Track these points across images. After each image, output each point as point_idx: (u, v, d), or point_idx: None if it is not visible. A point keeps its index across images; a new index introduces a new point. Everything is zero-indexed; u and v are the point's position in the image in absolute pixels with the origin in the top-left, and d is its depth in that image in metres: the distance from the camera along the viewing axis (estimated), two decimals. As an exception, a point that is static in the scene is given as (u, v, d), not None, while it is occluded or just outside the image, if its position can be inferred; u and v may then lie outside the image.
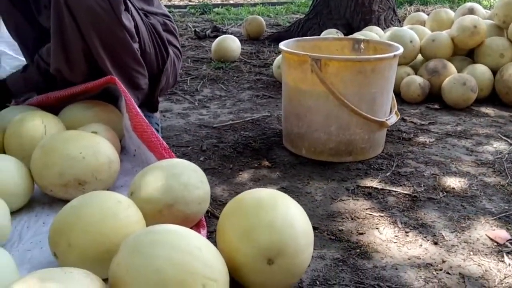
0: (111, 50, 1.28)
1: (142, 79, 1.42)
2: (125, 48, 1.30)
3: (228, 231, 0.76)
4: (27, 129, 1.14)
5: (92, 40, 1.23)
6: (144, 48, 1.41)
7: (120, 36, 1.27)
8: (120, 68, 1.32)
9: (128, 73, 1.35)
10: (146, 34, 1.43)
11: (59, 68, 1.28)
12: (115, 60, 1.30)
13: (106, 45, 1.26)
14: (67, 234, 0.76)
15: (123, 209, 0.81)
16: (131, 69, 1.36)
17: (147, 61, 1.43)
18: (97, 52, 1.25)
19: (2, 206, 0.88)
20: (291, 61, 1.32)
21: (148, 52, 1.43)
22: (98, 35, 1.23)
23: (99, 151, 1.05)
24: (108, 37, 1.25)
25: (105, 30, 1.23)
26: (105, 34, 1.24)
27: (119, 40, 1.28)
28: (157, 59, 1.49)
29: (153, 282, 0.62)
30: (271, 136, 1.54)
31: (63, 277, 0.59)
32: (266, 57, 2.70)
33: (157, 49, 1.48)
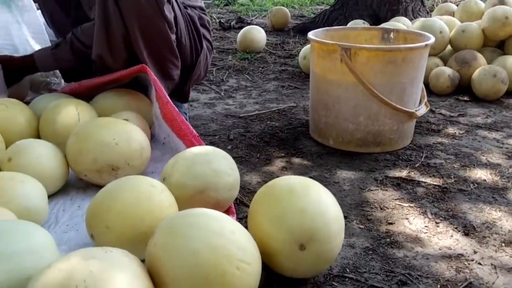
0: (149, 40, 1.30)
1: (174, 70, 1.44)
2: (163, 38, 1.32)
3: (260, 217, 0.77)
4: (61, 116, 1.17)
5: (133, 29, 1.25)
6: (180, 39, 1.42)
7: (160, 26, 1.29)
8: (156, 58, 1.34)
9: (162, 63, 1.37)
10: (184, 26, 1.44)
11: (101, 54, 1.31)
12: (152, 49, 1.32)
13: (145, 34, 1.28)
14: (104, 216, 0.78)
15: (157, 193, 0.82)
16: (166, 60, 1.38)
17: (181, 53, 1.44)
18: (136, 41, 1.28)
19: (40, 188, 0.91)
20: (320, 51, 1.32)
21: (183, 44, 1.44)
22: (139, 24, 1.25)
23: (132, 138, 1.07)
24: (149, 27, 1.27)
25: (146, 20, 1.25)
26: (145, 24, 1.26)
27: (158, 31, 1.30)
28: (191, 51, 1.51)
29: (189, 263, 0.64)
30: (297, 126, 1.54)
31: (104, 256, 0.61)
32: (291, 48, 2.69)
33: (192, 42, 1.50)
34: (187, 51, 1.48)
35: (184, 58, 1.47)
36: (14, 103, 1.19)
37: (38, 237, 0.68)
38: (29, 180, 0.90)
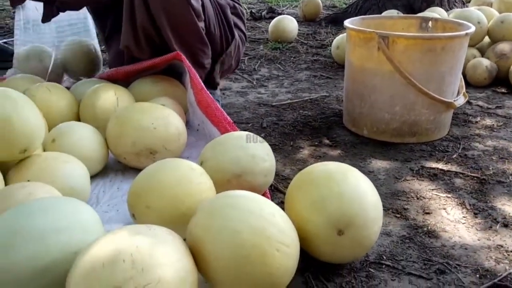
0: (177, 29, 1.31)
1: (205, 58, 1.45)
2: (191, 27, 1.33)
3: (298, 202, 0.78)
4: (101, 100, 1.20)
5: (161, 19, 1.27)
6: (209, 28, 1.43)
7: (187, 15, 1.30)
8: (185, 46, 1.36)
9: (192, 51, 1.38)
10: (213, 14, 1.45)
11: (128, 45, 1.34)
12: (181, 38, 1.34)
13: (173, 23, 1.29)
14: (145, 197, 0.80)
15: (196, 176, 0.84)
16: (196, 48, 1.39)
17: (211, 41, 1.45)
18: (164, 30, 1.29)
19: (83, 169, 0.94)
20: (357, 39, 1.30)
21: (213, 33, 1.45)
22: (165, 13, 1.26)
23: (170, 122, 1.09)
24: (176, 16, 1.28)
25: (173, 9, 1.26)
26: (172, 13, 1.27)
27: (186, 20, 1.31)
28: (221, 40, 1.52)
29: (230, 243, 0.65)
30: (330, 116, 1.54)
31: (149, 233, 0.63)
32: (323, 38, 2.67)
33: (222, 31, 1.50)
34: (216, 39, 1.48)
35: (214, 46, 1.47)
36: (57, 87, 1.23)
37: (85, 213, 0.70)
38: (73, 160, 0.93)
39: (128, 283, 0.57)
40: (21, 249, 0.62)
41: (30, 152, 0.88)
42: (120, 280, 0.57)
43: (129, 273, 0.57)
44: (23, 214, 0.66)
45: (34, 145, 0.88)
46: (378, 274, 0.79)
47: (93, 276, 0.58)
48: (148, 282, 0.58)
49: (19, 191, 0.77)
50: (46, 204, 0.68)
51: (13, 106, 0.84)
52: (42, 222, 0.65)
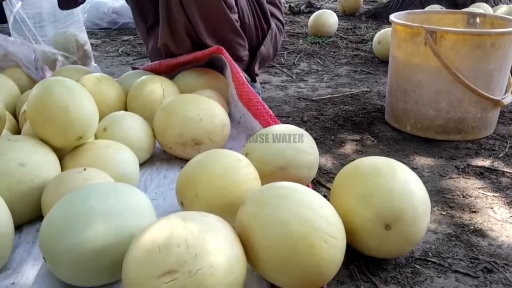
0: (210, 23, 1.32)
1: (242, 50, 1.46)
2: (224, 20, 1.34)
3: (345, 195, 0.78)
4: (148, 91, 1.24)
5: (193, 13, 1.29)
6: (243, 19, 1.44)
7: (219, 7, 1.31)
8: (220, 40, 1.37)
9: (228, 44, 1.39)
10: (246, 5, 1.45)
11: (166, 43, 1.37)
12: (214, 31, 1.35)
13: (205, 16, 1.31)
14: (194, 185, 0.82)
15: (243, 166, 0.85)
16: (231, 40, 1.40)
17: (246, 32, 1.46)
18: (197, 24, 1.31)
19: (133, 157, 0.97)
20: (403, 34, 1.29)
21: (247, 23, 1.45)
22: (198, 7, 1.28)
23: (214, 114, 1.11)
24: (207, 9, 1.30)
25: (204, 3, 1.28)
26: (204, 8, 1.29)
27: (218, 13, 1.32)
28: (256, 31, 1.52)
29: (278, 232, 0.66)
30: (372, 111, 1.52)
31: (201, 219, 0.65)
32: (363, 33, 2.64)
33: (257, 21, 1.51)
34: (251, 30, 1.48)
35: (250, 38, 1.48)
36: (106, 78, 1.27)
37: (138, 198, 0.73)
38: (124, 148, 0.96)
39: (182, 267, 0.59)
40: (80, 230, 0.66)
41: (85, 139, 0.92)
42: (175, 264, 0.59)
43: (183, 258, 0.60)
44: (82, 198, 0.69)
45: (89, 133, 0.92)
46: (423, 270, 0.79)
47: (149, 259, 0.60)
48: (201, 267, 0.60)
49: (76, 176, 0.81)
50: (103, 189, 0.71)
51: (71, 95, 0.88)
52: (100, 205, 0.68)
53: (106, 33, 2.71)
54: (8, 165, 0.80)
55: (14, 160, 0.81)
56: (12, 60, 1.40)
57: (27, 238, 0.82)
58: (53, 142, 0.90)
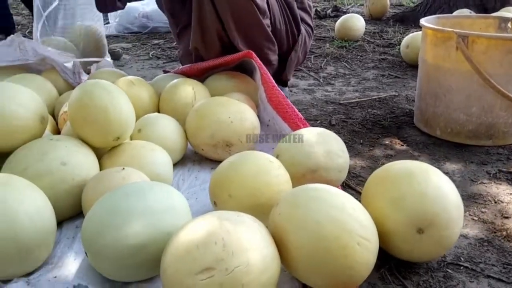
0: (243, 28, 1.35)
1: (272, 55, 1.48)
2: (257, 25, 1.37)
3: (377, 198, 0.79)
4: (180, 94, 1.27)
5: (227, 20, 1.31)
6: (275, 24, 1.46)
7: (252, 13, 1.33)
8: (251, 44, 1.39)
9: (258, 49, 1.41)
10: (278, 10, 1.48)
11: (196, 46, 1.40)
12: (246, 36, 1.37)
13: (238, 21, 1.33)
14: (228, 186, 0.84)
15: (275, 168, 0.87)
16: (262, 45, 1.43)
17: (277, 38, 1.48)
18: (229, 28, 1.34)
19: (167, 157, 1.00)
20: (433, 38, 1.28)
21: (278, 29, 1.48)
22: (231, 12, 1.31)
23: (245, 117, 1.13)
24: (241, 16, 1.32)
25: (239, 9, 1.30)
26: (238, 13, 1.31)
27: (251, 18, 1.34)
28: (287, 36, 1.54)
29: (312, 234, 0.67)
30: (400, 115, 1.52)
31: (237, 219, 0.67)
32: (390, 37, 2.63)
33: (288, 26, 1.53)
34: (283, 35, 1.50)
35: (280, 42, 1.50)
36: (139, 80, 1.31)
37: (175, 198, 0.76)
38: (158, 149, 0.99)
39: (219, 265, 0.61)
40: (121, 227, 0.68)
41: (122, 140, 0.96)
42: (212, 261, 0.61)
43: (220, 255, 0.62)
44: (122, 196, 0.72)
45: (126, 133, 0.95)
46: (456, 275, 0.79)
47: (187, 256, 0.62)
48: (237, 265, 0.62)
49: (115, 175, 0.84)
50: (143, 188, 0.74)
51: (110, 97, 0.91)
52: (139, 204, 0.71)
53: (136, 37, 2.77)
54: (51, 164, 0.84)
55: (57, 159, 0.85)
56: (49, 64, 1.45)
57: (68, 234, 0.86)
58: (92, 142, 0.93)
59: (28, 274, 0.74)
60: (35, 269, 0.75)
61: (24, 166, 0.82)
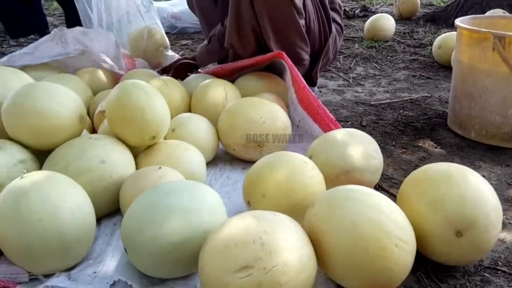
0: (278, 27, 1.35)
1: (304, 54, 1.48)
2: (292, 24, 1.37)
3: (414, 200, 0.78)
4: (211, 94, 1.28)
5: (263, 18, 1.32)
6: (309, 24, 1.46)
7: (288, 13, 1.33)
8: (284, 44, 1.40)
9: (291, 48, 1.41)
10: (313, 10, 1.48)
11: (232, 43, 1.41)
12: (280, 36, 1.38)
13: (274, 20, 1.34)
14: (262, 186, 0.85)
15: (309, 169, 0.87)
16: (295, 45, 1.43)
17: (310, 37, 1.48)
18: (264, 28, 1.34)
19: (201, 156, 1.01)
20: (469, 39, 1.26)
21: (312, 29, 1.47)
22: (268, 13, 1.31)
23: (277, 117, 1.14)
24: (277, 14, 1.33)
25: (275, 7, 1.31)
26: (274, 11, 1.32)
27: (287, 17, 1.34)
28: (320, 36, 1.54)
29: (349, 234, 0.67)
30: (433, 117, 1.50)
31: (274, 219, 0.67)
32: (421, 37, 2.59)
33: (321, 26, 1.53)
34: (315, 35, 1.50)
35: (313, 42, 1.50)
36: (171, 81, 1.33)
37: (211, 197, 0.76)
38: (192, 148, 1.01)
39: (257, 263, 0.62)
40: (160, 224, 0.70)
41: (157, 139, 0.97)
42: (251, 260, 0.62)
43: (258, 254, 0.62)
44: (161, 194, 0.73)
45: (162, 133, 0.97)
46: (493, 279, 0.77)
47: (226, 254, 0.63)
48: (275, 264, 0.62)
49: (152, 173, 0.85)
50: (180, 186, 0.75)
51: (147, 97, 0.93)
52: (177, 202, 0.72)
53: (165, 37, 2.81)
54: (90, 162, 0.86)
55: (96, 157, 0.87)
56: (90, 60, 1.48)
57: (106, 230, 0.88)
58: (129, 141, 0.95)
59: (69, 269, 0.76)
60: (75, 264, 0.77)
61: (65, 164, 0.85)
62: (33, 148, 0.91)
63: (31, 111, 0.87)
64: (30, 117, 0.87)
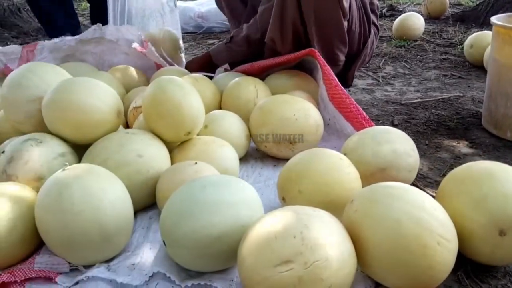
0: (322, 27, 1.35)
1: (341, 56, 1.47)
2: (336, 26, 1.37)
3: (456, 199, 0.76)
4: (242, 91, 1.29)
5: (309, 16, 1.32)
6: (351, 25, 1.45)
7: (335, 14, 1.34)
8: (325, 44, 1.40)
9: (330, 49, 1.41)
10: (356, 13, 1.47)
11: (273, 38, 1.41)
12: (323, 36, 1.38)
13: (320, 21, 1.34)
14: (298, 182, 0.85)
15: (345, 166, 0.86)
16: (334, 46, 1.42)
17: (350, 39, 1.47)
18: (310, 27, 1.34)
19: (234, 153, 1.01)
20: (506, 37, 1.23)
21: (353, 30, 1.47)
22: (315, 11, 1.31)
23: (309, 114, 1.13)
24: (324, 15, 1.33)
25: (323, 7, 1.31)
26: (321, 12, 1.32)
27: (332, 18, 1.34)
28: (359, 37, 1.53)
29: (391, 232, 0.66)
30: (466, 117, 1.47)
31: (313, 213, 0.67)
32: (450, 36, 2.54)
33: (362, 28, 1.52)
34: (355, 37, 1.50)
35: (352, 44, 1.49)
36: (202, 78, 1.33)
37: (249, 191, 0.77)
38: (226, 144, 1.01)
39: (298, 258, 0.61)
40: (199, 218, 0.70)
41: (192, 135, 0.98)
42: (291, 254, 0.62)
43: (299, 249, 0.62)
44: (199, 188, 0.74)
45: (196, 128, 0.98)
46: (538, 281, 0.75)
47: (266, 248, 0.63)
48: (316, 260, 0.62)
49: (188, 168, 0.86)
50: (218, 181, 0.75)
51: (182, 93, 0.94)
52: (216, 196, 0.72)
53: (192, 37, 2.83)
54: (128, 156, 0.87)
55: (133, 151, 0.88)
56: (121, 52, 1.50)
57: (142, 224, 0.89)
58: (165, 136, 0.96)
59: (108, 260, 0.78)
60: (114, 256, 0.78)
61: (104, 157, 0.86)
62: (72, 142, 0.93)
63: (71, 106, 0.89)
64: (69, 111, 0.89)
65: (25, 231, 0.76)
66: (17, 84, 0.96)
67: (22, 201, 0.77)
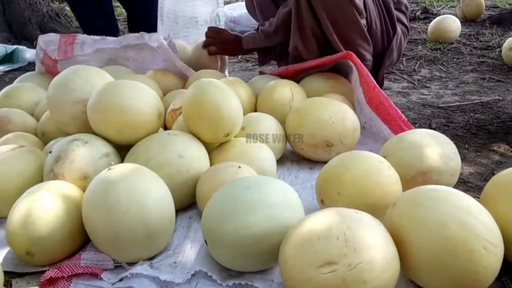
0: (338, 26, 1.35)
1: (367, 54, 1.46)
2: (353, 24, 1.36)
3: (501, 203, 0.75)
4: (278, 94, 1.29)
5: (323, 18, 1.32)
6: (371, 24, 1.44)
7: (349, 13, 1.33)
8: (346, 44, 1.38)
9: (354, 49, 1.40)
10: (374, 10, 1.46)
11: (296, 46, 1.42)
12: (342, 36, 1.37)
13: (334, 20, 1.33)
14: (337, 184, 0.84)
15: (385, 168, 0.86)
16: (357, 45, 1.41)
17: (372, 37, 1.46)
18: (327, 29, 1.34)
19: (272, 155, 1.02)
20: (551, 38, 1.19)
21: (374, 29, 1.45)
22: (327, 13, 1.31)
23: (347, 117, 1.13)
24: (337, 15, 1.32)
25: (335, 7, 1.30)
26: (334, 12, 1.31)
27: (347, 17, 1.34)
28: (382, 36, 1.51)
29: (436, 235, 0.65)
30: (507, 120, 1.43)
31: (356, 216, 0.67)
32: (487, 39, 2.48)
33: (384, 26, 1.50)
34: (378, 35, 1.48)
35: (375, 42, 1.48)
36: (238, 81, 1.35)
37: (289, 193, 0.77)
38: (264, 146, 1.02)
39: (342, 260, 0.61)
40: (242, 217, 0.71)
41: (231, 136, 0.99)
42: (334, 256, 0.62)
43: (343, 250, 0.62)
44: (242, 188, 0.74)
45: (235, 130, 0.99)
46: None
47: (309, 249, 0.63)
48: (360, 261, 0.61)
49: (228, 169, 0.87)
50: (260, 181, 0.76)
51: (222, 95, 0.95)
52: (258, 196, 0.73)
53: (224, 41, 2.86)
54: (170, 156, 0.89)
55: (174, 152, 0.90)
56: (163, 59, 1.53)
57: (182, 223, 0.90)
58: (204, 138, 0.97)
59: (150, 258, 0.79)
60: (156, 254, 0.80)
61: (146, 158, 0.88)
62: (115, 143, 0.96)
63: (115, 108, 0.91)
64: (114, 113, 0.91)
65: (72, 228, 0.79)
66: (63, 86, 0.99)
67: (69, 199, 0.80)
